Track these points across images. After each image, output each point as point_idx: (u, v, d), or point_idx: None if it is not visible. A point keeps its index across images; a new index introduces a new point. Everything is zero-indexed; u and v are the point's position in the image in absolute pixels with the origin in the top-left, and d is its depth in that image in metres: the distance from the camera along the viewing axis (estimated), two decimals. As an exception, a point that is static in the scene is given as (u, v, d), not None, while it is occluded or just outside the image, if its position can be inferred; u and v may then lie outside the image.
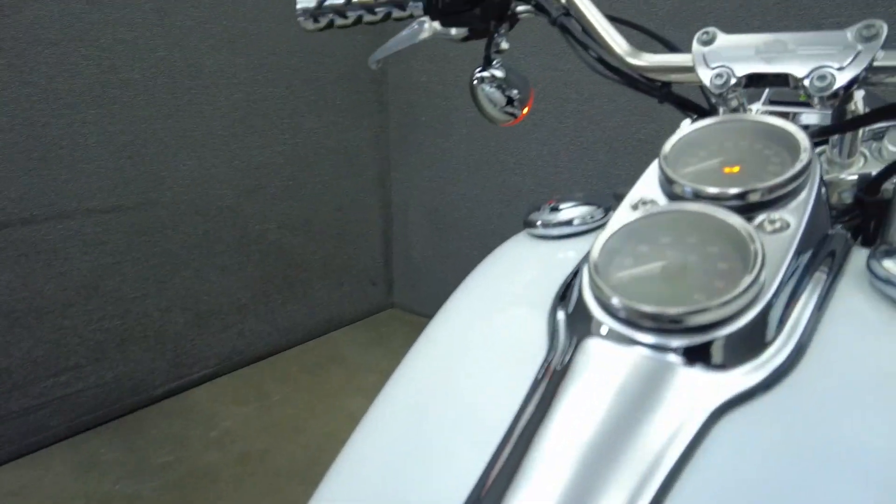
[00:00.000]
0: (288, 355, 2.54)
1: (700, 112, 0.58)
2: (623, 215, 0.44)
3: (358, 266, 2.81)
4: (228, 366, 2.39)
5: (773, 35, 0.49)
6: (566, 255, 0.53)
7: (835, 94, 0.45)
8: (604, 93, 2.09)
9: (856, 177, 0.58)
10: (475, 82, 0.74)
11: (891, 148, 0.58)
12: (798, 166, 0.41)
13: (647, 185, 0.48)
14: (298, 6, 0.70)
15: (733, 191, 0.41)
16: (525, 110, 0.76)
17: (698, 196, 0.42)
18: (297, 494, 1.71)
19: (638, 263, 0.39)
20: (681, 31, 1.80)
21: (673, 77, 0.56)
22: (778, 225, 0.39)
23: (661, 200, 0.45)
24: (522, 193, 2.36)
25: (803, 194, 0.42)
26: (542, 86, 2.18)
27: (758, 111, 0.68)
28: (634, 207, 0.45)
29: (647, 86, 0.58)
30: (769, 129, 0.48)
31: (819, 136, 0.56)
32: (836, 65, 0.45)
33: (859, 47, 0.44)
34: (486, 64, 0.73)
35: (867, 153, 0.59)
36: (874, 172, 0.57)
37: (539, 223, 0.56)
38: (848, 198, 0.56)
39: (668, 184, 0.45)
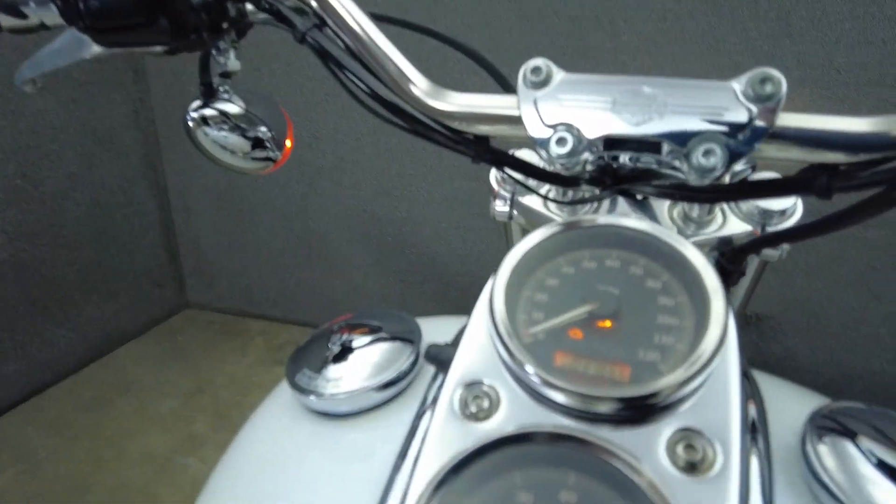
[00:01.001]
0: (54, 393, 2.04)
1: (541, 177, 0.44)
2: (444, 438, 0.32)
3: (135, 269, 2.35)
4: (-34, 425, 1.85)
5: (632, 80, 0.36)
6: (367, 448, 0.43)
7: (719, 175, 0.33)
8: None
9: (715, 239, 0.51)
10: (191, 125, 0.51)
11: (752, 203, 0.51)
12: (708, 349, 0.30)
13: (478, 351, 0.35)
14: None
15: (616, 393, 0.30)
16: (287, 147, 0.57)
17: (564, 405, 0.31)
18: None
19: None
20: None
21: (492, 130, 0.41)
22: (698, 455, 0.28)
23: (503, 391, 0.33)
24: (324, 171, 2.14)
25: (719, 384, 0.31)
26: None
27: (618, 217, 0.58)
28: (466, 414, 0.32)
29: (452, 139, 0.42)
30: (654, 244, 0.36)
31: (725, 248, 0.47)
32: (724, 137, 0.33)
33: (753, 109, 0.32)
34: (207, 95, 0.51)
35: (725, 209, 0.51)
36: (734, 235, 0.50)
37: (312, 393, 0.44)
38: None
39: (511, 360, 0.33)
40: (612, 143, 0.36)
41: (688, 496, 0.27)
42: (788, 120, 0.32)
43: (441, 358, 0.39)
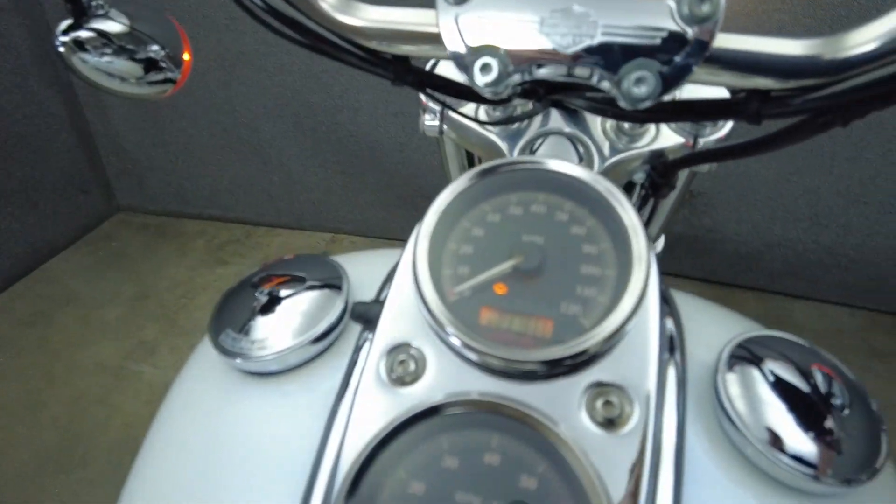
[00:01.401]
0: (-12, 311, 1.97)
1: (469, 97, 0.41)
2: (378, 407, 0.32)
3: (52, 175, 2.18)
4: None
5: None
6: (300, 404, 0.42)
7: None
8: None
9: (648, 152, 0.49)
10: (64, 51, 0.44)
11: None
12: (629, 304, 0.30)
13: (404, 312, 0.34)
14: None
15: (536, 356, 0.30)
16: (186, 61, 0.50)
17: (489, 366, 0.31)
18: (64, 488, 1.43)
19: None
20: None
21: (411, 50, 0.37)
22: (616, 411, 0.29)
23: (430, 352, 0.33)
24: (245, 56, 1.96)
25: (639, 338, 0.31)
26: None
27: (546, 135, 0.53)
28: (392, 378, 0.33)
29: (366, 59, 0.38)
30: (580, 187, 0.35)
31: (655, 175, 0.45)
32: (659, 60, 0.30)
33: (688, 31, 0.29)
34: (78, 13, 0.43)
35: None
36: (667, 147, 0.49)
37: (239, 356, 0.42)
38: (640, 178, 0.48)
39: (435, 324, 0.33)
40: (541, 66, 0.33)
41: (604, 452, 0.28)
42: (725, 42, 0.30)
43: (368, 316, 0.38)
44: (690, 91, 0.48)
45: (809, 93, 0.30)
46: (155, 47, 0.48)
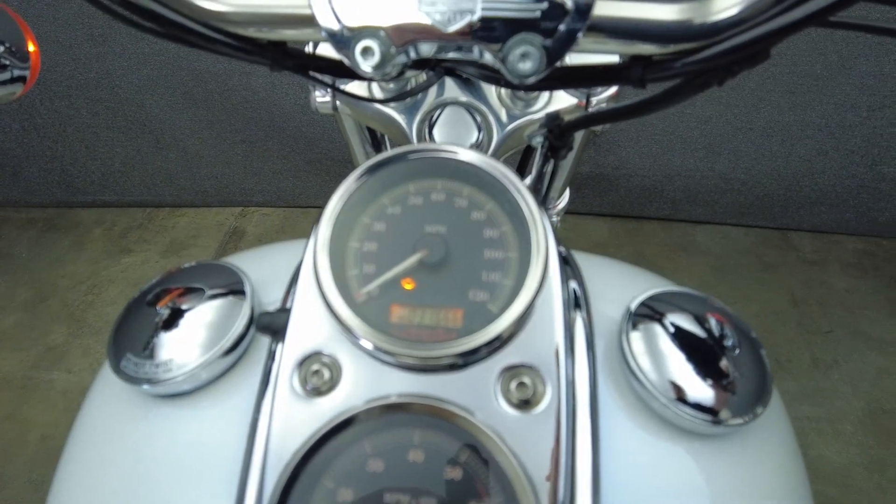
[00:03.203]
0: None
1: (357, 77, 0.39)
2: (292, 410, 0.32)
3: None
4: None
5: None
6: (214, 422, 0.40)
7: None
8: None
9: (544, 116, 0.50)
10: None
11: None
12: (532, 285, 0.31)
13: (312, 318, 0.34)
14: None
15: (449, 350, 0.31)
16: (32, 53, 0.46)
17: (401, 362, 0.32)
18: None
19: None
20: None
21: (287, 34, 0.35)
22: (530, 392, 0.30)
23: (343, 357, 0.33)
24: (117, 22, 1.78)
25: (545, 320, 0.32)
26: None
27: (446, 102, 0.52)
28: (308, 390, 0.32)
29: (240, 47, 0.35)
30: (472, 170, 0.36)
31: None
32: (542, 33, 0.30)
33: (569, 2, 0.29)
34: None
35: None
36: (562, 109, 0.50)
37: (144, 381, 0.39)
38: (538, 142, 0.48)
39: (343, 329, 0.33)
40: (425, 45, 0.32)
41: (521, 433, 0.30)
42: (605, 9, 0.31)
43: (274, 327, 0.37)
44: (579, 57, 0.49)
45: (687, 56, 0.31)
46: None
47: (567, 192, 0.83)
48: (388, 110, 0.54)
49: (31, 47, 0.46)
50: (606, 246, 1.96)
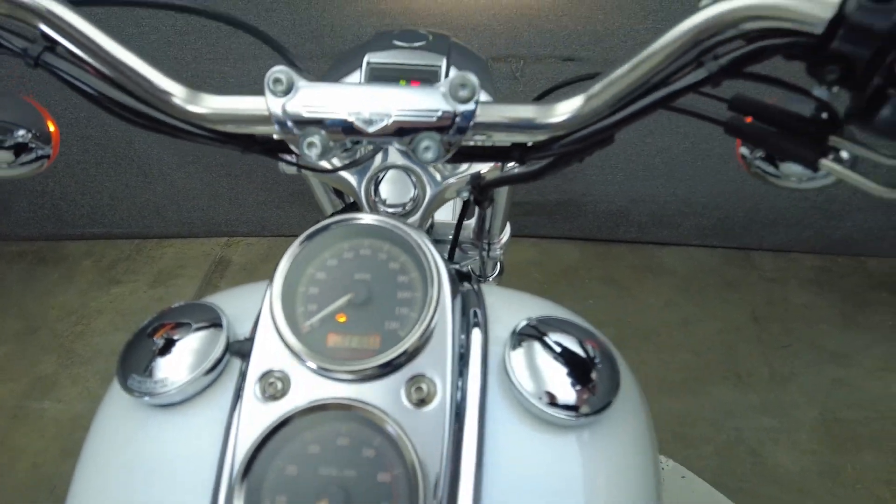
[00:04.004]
0: None
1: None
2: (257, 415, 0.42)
3: None
4: None
5: (364, 89, 0.43)
6: (199, 425, 0.48)
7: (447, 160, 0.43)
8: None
9: (468, 175, 0.59)
10: None
11: None
12: (428, 317, 0.42)
13: (269, 346, 0.44)
14: None
15: (368, 364, 0.41)
16: (52, 132, 0.54)
17: (334, 376, 0.42)
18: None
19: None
20: None
21: (252, 130, 0.45)
22: (425, 394, 0.40)
23: (292, 373, 0.43)
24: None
25: (436, 341, 0.42)
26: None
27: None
28: (266, 396, 0.42)
29: (217, 139, 0.46)
30: (392, 233, 0.46)
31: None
32: (438, 132, 0.41)
33: (457, 109, 0.40)
34: None
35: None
36: (483, 171, 0.59)
37: (147, 394, 0.47)
38: (465, 196, 0.57)
39: (292, 354, 0.43)
40: (353, 135, 0.43)
41: (416, 424, 0.40)
42: (486, 113, 0.41)
43: (243, 352, 0.47)
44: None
45: (555, 142, 0.42)
46: (21, 132, 0.51)
47: (508, 228, 0.94)
48: (342, 174, 0.64)
49: (52, 127, 0.54)
50: (577, 269, 2.06)
